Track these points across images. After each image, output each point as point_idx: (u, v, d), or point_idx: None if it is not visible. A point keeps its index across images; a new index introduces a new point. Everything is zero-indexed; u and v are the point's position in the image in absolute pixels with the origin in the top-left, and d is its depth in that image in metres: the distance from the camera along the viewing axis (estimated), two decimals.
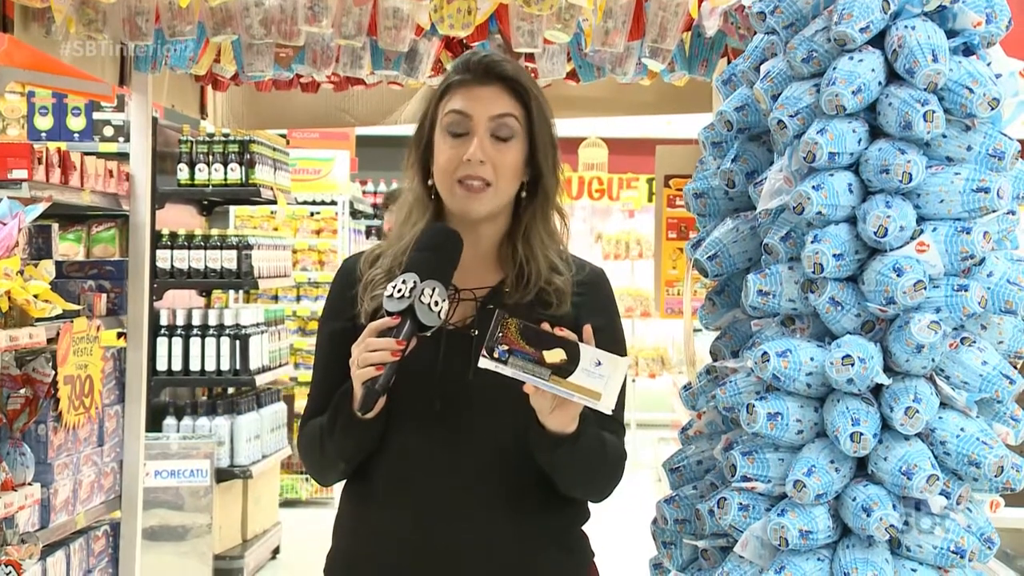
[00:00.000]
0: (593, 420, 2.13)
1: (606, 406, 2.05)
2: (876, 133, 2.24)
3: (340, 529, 2.34)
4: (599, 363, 2.05)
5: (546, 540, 2.24)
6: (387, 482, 2.23)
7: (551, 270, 2.27)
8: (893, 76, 2.22)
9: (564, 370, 2.04)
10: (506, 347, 2.04)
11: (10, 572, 3.26)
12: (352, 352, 2.13)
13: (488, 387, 2.12)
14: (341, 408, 2.18)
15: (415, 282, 2.10)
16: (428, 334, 2.12)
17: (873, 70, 2.20)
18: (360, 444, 2.22)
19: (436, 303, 2.09)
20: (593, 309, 2.28)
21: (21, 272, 3.37)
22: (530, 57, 3.90)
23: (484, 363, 2.04)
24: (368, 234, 11.71)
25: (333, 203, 9.89)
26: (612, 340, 2.25)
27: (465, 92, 2.27)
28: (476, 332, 2.19)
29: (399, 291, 2.10)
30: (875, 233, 2.16)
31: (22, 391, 3.54)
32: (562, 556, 2.27)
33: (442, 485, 2.19)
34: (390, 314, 2.10)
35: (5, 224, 3.32)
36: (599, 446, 2.17)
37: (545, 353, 2.04)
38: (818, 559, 2.21)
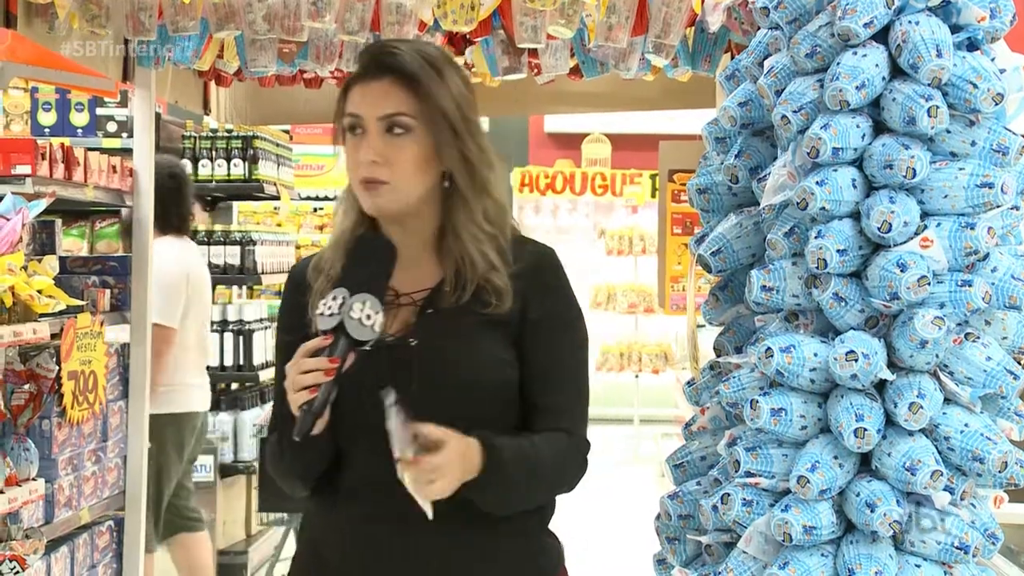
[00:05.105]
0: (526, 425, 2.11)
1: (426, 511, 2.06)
2: (880, 128, 2.23)
3: (302, 534, 2.34)
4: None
5: (507, 542, 2.21)
6: (342, 492, 2.21)
7: (488, 266, 2.19)
8: (897, 71, 2.22)
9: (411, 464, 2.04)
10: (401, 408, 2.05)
11: (14, 567, 3.27)
12: (287, 375, 2.08)
13: (432, 400, 2.10)
14: (285, 430, 2.13)
15: (344, 298, 2.06)
16: (367, 348, 2.07)
17: (877, 65, 2.19)
18: (311, 463, 2.19)
19: (368, 316, 2.05)
20: (536, 299, 2.22)
21: (25, 267, 3.38)
22: (533, 53, 3.90)
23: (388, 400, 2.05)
24: None
25: (336, 199, 9.88)
26: (557, 329, 2.23)
27: (359, 89, 2.19)
28: (415, 342, 2.15)
29: (329, 308, 2.06)
30: (879, 228, 2.16)
31: (26, 387, 3.54)
32: (527, 559, 2.24)
33: (395, 497, 2.13)
34: (323, 333, 2.06)
35: (9, 220, 3.32)
36: (521, 474, 2.13)
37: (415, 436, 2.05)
38: (822, 555, 2.21)
